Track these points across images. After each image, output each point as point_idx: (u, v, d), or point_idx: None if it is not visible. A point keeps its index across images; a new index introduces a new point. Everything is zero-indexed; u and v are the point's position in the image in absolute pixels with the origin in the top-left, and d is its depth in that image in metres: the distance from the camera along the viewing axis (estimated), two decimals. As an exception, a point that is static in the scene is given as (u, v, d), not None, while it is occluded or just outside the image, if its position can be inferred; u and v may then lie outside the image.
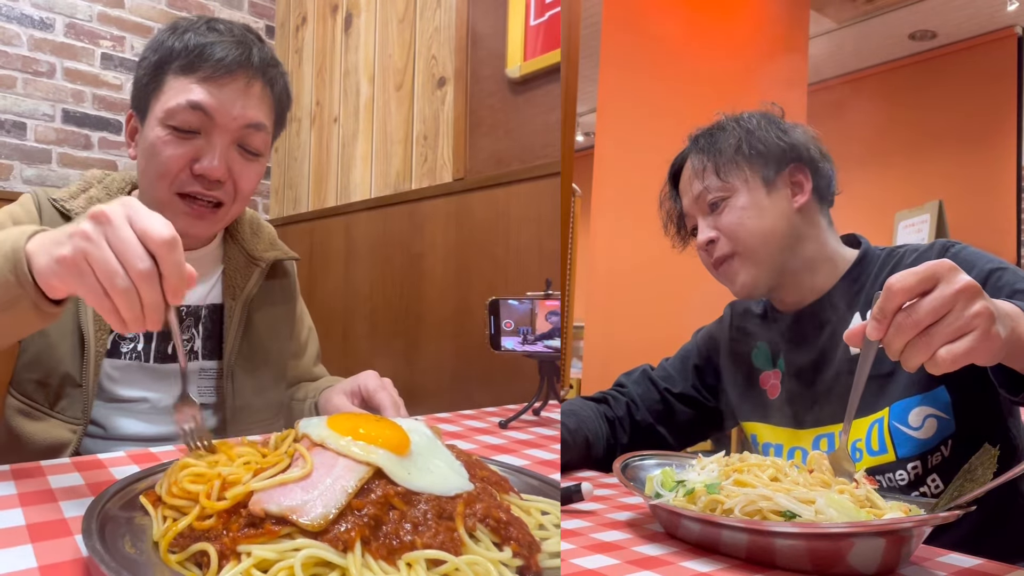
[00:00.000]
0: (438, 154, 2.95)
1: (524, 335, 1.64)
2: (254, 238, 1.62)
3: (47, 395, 1.38)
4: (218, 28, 1.39)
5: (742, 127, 1.41)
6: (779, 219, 1.36)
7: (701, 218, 1.41)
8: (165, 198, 1.37)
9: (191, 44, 1.35)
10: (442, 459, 0.81)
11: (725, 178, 1.37)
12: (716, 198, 1.38)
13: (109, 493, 0.78)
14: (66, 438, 1.37)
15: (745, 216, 1.36)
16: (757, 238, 1.36)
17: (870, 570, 0.82)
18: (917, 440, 1.21)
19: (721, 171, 1.37)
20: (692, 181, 1.42)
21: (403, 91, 3.17)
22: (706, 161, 1.40)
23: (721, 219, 1.37)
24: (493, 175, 2.68)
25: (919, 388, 1.22)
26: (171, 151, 1.34)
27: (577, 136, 3.14)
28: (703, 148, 1.42)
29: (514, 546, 0.71)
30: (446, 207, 2.88)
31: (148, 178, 1.39)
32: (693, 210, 1.43)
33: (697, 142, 1.45)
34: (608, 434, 1.47)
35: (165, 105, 1.35)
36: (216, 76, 1.35)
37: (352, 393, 1.44)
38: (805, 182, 1.38)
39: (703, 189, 1.39)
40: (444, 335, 2.83)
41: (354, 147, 3.48)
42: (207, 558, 0.65)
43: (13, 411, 1.39)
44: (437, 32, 2.98)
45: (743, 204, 1.36)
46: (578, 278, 1.74)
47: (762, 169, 1.37)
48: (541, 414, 1.66)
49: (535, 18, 2.55)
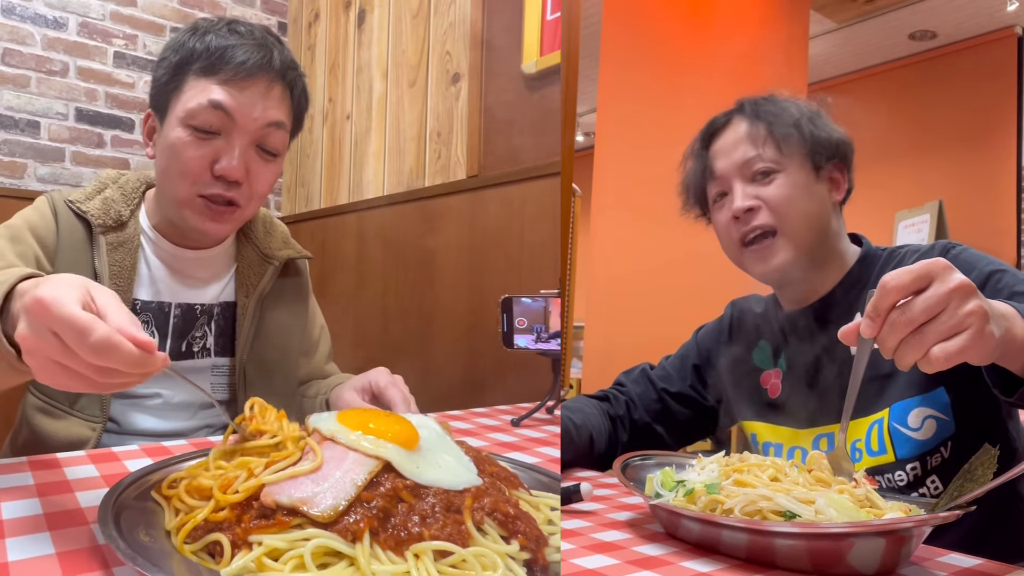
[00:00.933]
0: (452, 151, 2.94)
1: (537, 333, 1.64)
2: (267, 236, 1.64)
3: (66, 393, 1.37)
4: (239, 30, 1.40)
5: (801, 108, 1.39)
6: (823, 207, 1.35)
7: (741, 184, 1.36)
8: (186, 198, 1.39)
9: (212, 46, 1.36)
10: (451, 454, 0.82)
11: (785, 150, 1.34)
12: (767, 168, 1.34)
13: (124, 484, 0.80)
14: (85, 436, 1.38)
15: (796, 194, 1.33)
16: (804, 220, 1.33)
17: (870, 570, 0.82)
18: (916, 441, 1.21)
19: (783, 143, 1.34)
20: (740, 144, 1.37)
21: (417, 87, 3.16)
22: (764, 129, 1.36)
23: (768, 190, 1.33)
24: (508, 172, 2.66)
25: (918, 389, 1.22)
26: (192, 152, 1.36)
27: (577, 136, 3.14)
28: (760, 115, 1.38)
29: (522, 540, 0.72)
30: (459, 204, 2.87)
31: (168, 178, 1.40)
32: (731, 174, 1.37)
33: (747, 109, 1.41)
34: (610, 431, 1.46)
35: (186, 105, 1.36)
36: (237, 79, 1.36)
37: (363, 389, 1.44)
38: (842, 180, 1.38)
39: (756, 155, 1.34)
40: (457, 333, 2.82)
41: (367, 144, 3.48)
42: (219, 547, 0.67)
43: (34, 409, 1.40)
44: (451, 28, 2.97)
45: (796, 181, 1.34)
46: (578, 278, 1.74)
47: (815, 154, 1.35)
48: (554, 412, 1.66)
49: (552, 12, 2.53)
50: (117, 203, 1.47)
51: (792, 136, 1.34)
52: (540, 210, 2.51)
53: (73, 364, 0.74)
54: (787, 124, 1.36)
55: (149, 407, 1.49)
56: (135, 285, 1.45)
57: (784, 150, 1.34)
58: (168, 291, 1.50)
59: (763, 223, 1.33)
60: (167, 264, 1.51)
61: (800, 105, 1.41)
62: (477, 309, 2.74)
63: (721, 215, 1.40)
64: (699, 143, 1.46)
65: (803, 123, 1.35)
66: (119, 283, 1.41)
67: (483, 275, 2.73)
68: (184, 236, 1.50)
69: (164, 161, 1.40)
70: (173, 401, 1.50)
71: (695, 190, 1.47)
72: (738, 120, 1.41)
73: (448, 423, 0.92)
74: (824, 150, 1.35)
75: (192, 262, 1.53)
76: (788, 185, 1.33)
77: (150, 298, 1.48)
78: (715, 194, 1.42)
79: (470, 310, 2.77)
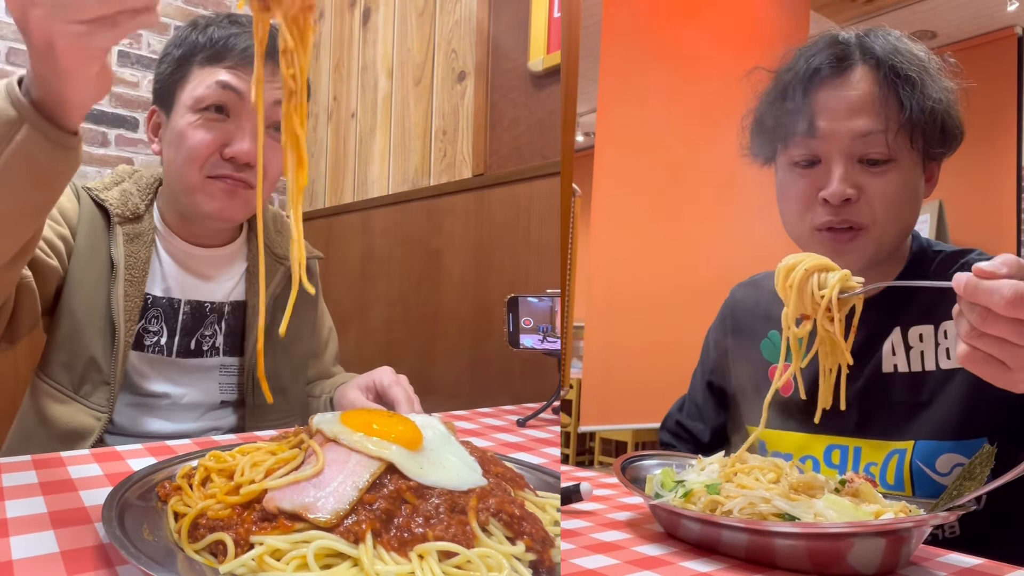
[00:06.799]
0: (457, 149, 2.93)
1: (544, 333, 1.64)
2: (278, 236, 1.64)
3: (72, 378, 1.40)
4: (240, 20, 1.42)
5: (943, 85, 1.13)
6: (918, 207, 1.17)
7: (843, 163, 1.12)
8: (196, 182, 1.40)
9: (215, 37, 1.39)
10: (455, 454, 0.82)
11: (915, 141, 1.12)
12: (880, 155, 1.11)
13: (128, 482, 0.80)
14: (89, 425, 1.39)
15: (903, 194, 1.13)
16: (899, 222, 1.15)
17: (870, 570, 0.82)
18: (942, 487, 1.07)
19: (915, 133, 1.11)
20: (860, 112, 1.12)
21: (422, 86, 3.16)
22: (896, 104, 1.11)
23: (875, 185, 1.12)
24: (514, 171, 2.65)
25: (954, 433, 1.08)
26: (202, 135, 1.37)
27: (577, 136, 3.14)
28: (897, 78, 1.11)
29: (527, 540, 0.71)
30: (465, 203, 2.87)
31: (176, 165, 1.41)
32: (835, 147, 1.13)
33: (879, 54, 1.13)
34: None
35: (193, 93, 1.38)
36: (242, 64, 1.38)
37: (367, 388, 1.45)
38: (937, 174, 1.21)
39: (878, 136, 1.10)
40: (462, 332, 2.82)
41: (372, 143, 3.48)
42: (222, 546, 0.67)
43: (41, 394, 1.41)
44: (457, 26, 2.96)
45: (906, 179, 1.13)
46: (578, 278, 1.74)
47: (939, 151, 1.16)
48: (560, 413, 1.66)
49: (558, 10, 2.50)
50: (134, 196, 1.48)
51: (930, 128, 1.12)
52: (546, 209, 2.50)
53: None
54: (925, 106, 1.11)
55: (157, 408, 1.49)
56: (147, 279, 1.46)
57: (914, 140, 1.12)
58: (178, 287, 1.51)
59: (856, 220, 1.13)
60: (178, 261, 1.52)
61: (940, 79, 1.14)
62: (483, 308, 2.74)
63: (799, 183, 1.18)
64: (804, 78, 1.17)
65: (942, 111, 1.12)
66: (133, 274, 1.43)
67: (489, 274, 2.73)
68: (195, 233, 1.52)
69: (172, 150, 1.41)
70: (181, 402, 1.51)
71: (773, 135, 1.22)
72: (862, 71, 1.14)
73: (453, 423, 0.92)
74: (949, 147, 1.17)
75: (203, 260, 1.54)
76: (898, 183, 1.12)
77: (160, 293, 1.49)
78: (801, 156, 1.17)
79: (475, 309, 2.77)
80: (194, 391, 1.51)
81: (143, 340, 1.47)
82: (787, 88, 1.19)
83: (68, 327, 1.39)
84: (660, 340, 1.70)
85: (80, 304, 1.39)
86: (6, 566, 0.68)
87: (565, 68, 1.86)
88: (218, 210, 1.42)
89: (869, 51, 1.15)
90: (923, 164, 1.16)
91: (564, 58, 1.86)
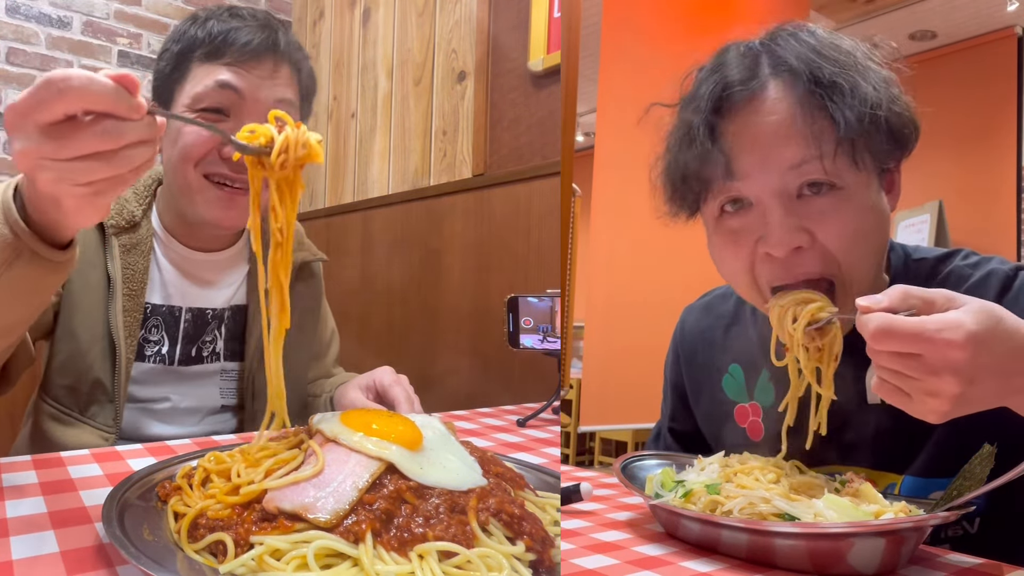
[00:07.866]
0: (457, 149, 2.93)
1: (544, 333, 1.63)
2: None
3: (78, 401, 1.37)
4: (241, 14, 1.39)
5: (874, 75, 0.91)
6: (886, 228, 0.98)
7: (780, 205, 0.92)
8: (193, 182, 1.36)
9: (215, 31, 1.35)
10: (455, 454, 0.82)
11: (859, 157, 0.90)
12: (823, 180, 0.91)
13: (128, 482, 0.80)
14: (98, 445, 1.35)
15: (862, 224, 0.93)
16: (870, 259, 0.96)
17: (870, 570, 0.82)
18: None
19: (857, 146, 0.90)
20: (783, 138, 0.91)
21: (422, 86, 3.16)
22: (824, 117, 0.89)
23: (825, 224, 0.91)
24: (514, 171, 2.65)
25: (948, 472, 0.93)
26: (198, 132, 1.33)
27: (577, 136, 3.14)
28: (819, 86, 0.90)
29: (527, 541, 0.71)
30: (465, 203, 2.86)
31: (173, 164, 1.37)
32: (765, 186, 0.92)
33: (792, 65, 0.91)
34: None
35: (192, 91, 1.34)
36: (243, 60, 1.34)
37: (367, 388, 1.44)
38: (898, 179, 1.00)
39: (812, 162, 0.90)
40: (462, 332, 2.82)
41: (372, 142, 3.48)
42: (222, 546, 0.67)
43: (46, 417, 1.38)
44: (457, 26, 2.96)
45: (862, 204, 0.93)
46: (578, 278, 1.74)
47: (889, 155, 0.95)
48: (560, 413, 1.66)
49: (559, 10, 2.50)
50: (130, 202, 1.45)
51: (874, 137, 0.91)
52: (546, 209, 2.50)
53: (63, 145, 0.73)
54: (861, 111, 0.89)
55: (157, 412, 1.47)
56: (146, 289, 1.44)
57: (858, 157, 0.91)
58: (179, 295, 1.48)
59: (812, 271, 0.94)
60: (178, 267, 1.49)
61: (873, 71, 0.92)
62: (483, 308, 2.73)
63: (735, 239, 0.98)
64: (706, 112, 0.96)
65: (884, 113, 0.90)
66: (132, 287, 1.40)
67: (489, 274, 2.72)
68: (195, 236, 1.49)
69: (169, 148, 1.37)
70: (181, 406, 1.49)
71: (691, 183, 1.00)
72: (777, 87, 0.93)
73: (453, 423, 0.92)
74: (904, 148, 0.96)
75: (203, 264, 1.51)
76: (852, 212, 0.92)
77: (161, 302, 1.47)
78: (725, 200, 0.98)
79: (476, 309, 2.77)
80: (194, 396, 1.50)
81: (144, 350, 1.44)
82: (691, 126, 0.98)
83: (70, 349, 1.36)
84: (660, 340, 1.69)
85: (80, 324, 1.35)
86: (6, 566, 0.68)
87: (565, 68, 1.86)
88: (217, 219, 1.39)
89: (781, 61, 0.94)
90: (878, 178, 0.96)
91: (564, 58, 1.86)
